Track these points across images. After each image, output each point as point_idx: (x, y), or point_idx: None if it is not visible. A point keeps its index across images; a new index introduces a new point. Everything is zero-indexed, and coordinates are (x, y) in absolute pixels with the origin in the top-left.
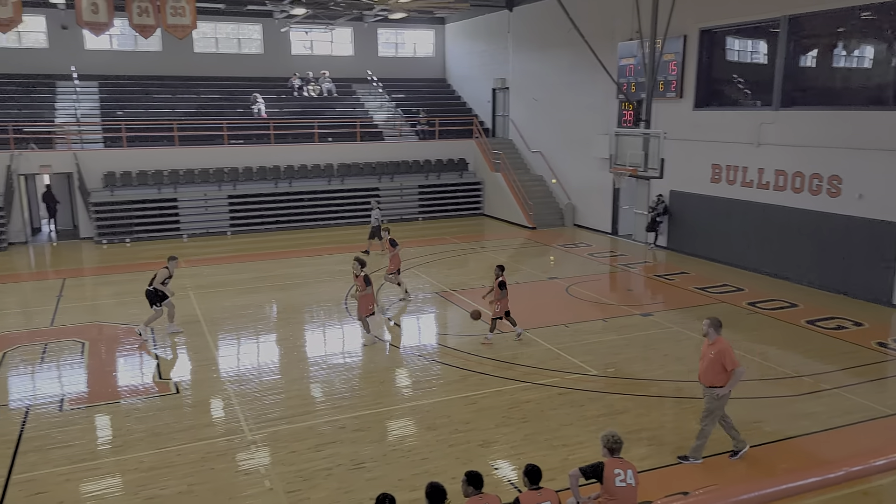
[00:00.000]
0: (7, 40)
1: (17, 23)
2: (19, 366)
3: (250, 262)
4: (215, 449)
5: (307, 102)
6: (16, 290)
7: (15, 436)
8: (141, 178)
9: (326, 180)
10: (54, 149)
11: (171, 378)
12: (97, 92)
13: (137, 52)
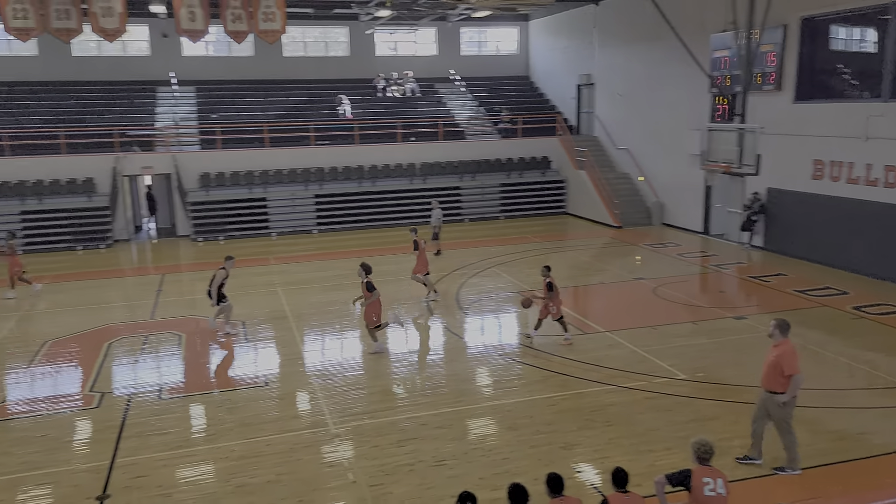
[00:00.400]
0: (113, 49)
1: (122, 32)
2: (122, 356)
3: (335, 260)
4: (301, 440)
5: (390, 103)
6: (119, 284)
7: (119, 422)
8: (234, 178)
9: (409, 179)
10: (155, 151)
11: (259, 371)
12: (194, 96)
13: (231, 57)
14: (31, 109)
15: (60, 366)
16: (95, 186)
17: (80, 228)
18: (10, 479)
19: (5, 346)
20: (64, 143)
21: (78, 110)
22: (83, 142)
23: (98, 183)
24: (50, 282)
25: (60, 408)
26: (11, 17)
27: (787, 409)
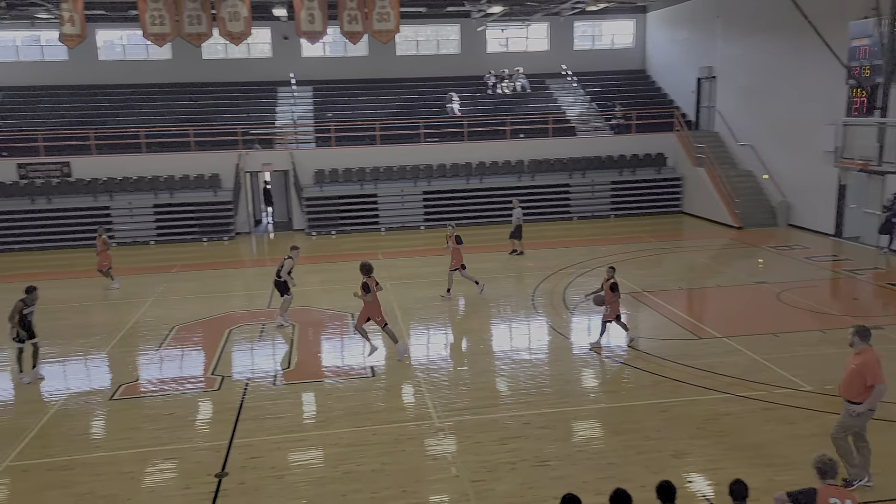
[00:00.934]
0: (238, 52)
1: (247, 36)
2: (241, 343)
3: (442, 256)
4: (406, 432)
5: (500, 99)
6: (240, 275)
7: (237, 404)
8: (346, 174)
9: (517, 176)
10: (274, 149)
11: (368, 363)
12: (311, 96)
13: (346, 57)
14: (164, 110)
15: (186, 349)
16: (220, 182)
17: (206, 221)
18: (140, 453)
19: (138, 329)
20: (193, 140)
21: (206, 110)
22: (210, 140)
23: (223, 179)
24: (179, 271)
25: (186, 389)
26: (149, 23)
27: (862, 419)
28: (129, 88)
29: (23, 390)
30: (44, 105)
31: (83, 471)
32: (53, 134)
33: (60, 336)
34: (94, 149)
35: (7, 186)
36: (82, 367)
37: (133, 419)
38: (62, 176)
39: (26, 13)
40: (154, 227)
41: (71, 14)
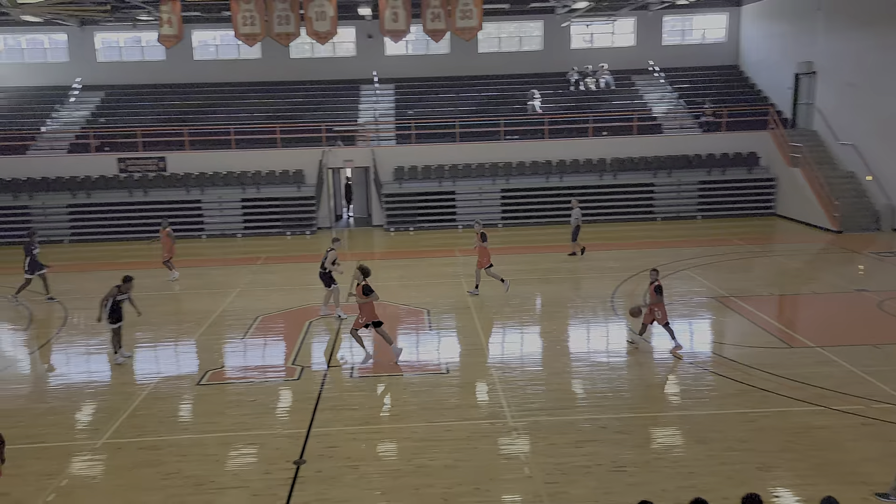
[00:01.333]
0: (324, 51)
1: (333, 35)
2: (320, 334)
3: (519, 255)
4: (479, 430)
5: (583, 96)
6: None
7: (315, 394)
8: (425, 171)
9: (598, 175)
10: (356, 145)
11: (441, 359)
12: (393, 94)
13: (428, 55)
14: (253, 107)
15: (269, 339)
16: (304, 177)
17: (290, 215)
18: (224, 437)
19: (224, 318)
20: (279, 137)
21: (292, 108)
22: (295, 137)
23: (307, 174)
24: (263, 263)
25: (268, 377)
26: (241, 24)
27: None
28: (221, 87)
29: (118, 372)
30: (143, 103)
31: (171, 451)
32: (151, 130)
33: (152, 323)
34: (188, 145)
35: (108, 180)
36: (172, 353)
37: (218, 404)
38: (158, 170)
39: (129, 15)
40: (241, 220)
41: (169, 16)
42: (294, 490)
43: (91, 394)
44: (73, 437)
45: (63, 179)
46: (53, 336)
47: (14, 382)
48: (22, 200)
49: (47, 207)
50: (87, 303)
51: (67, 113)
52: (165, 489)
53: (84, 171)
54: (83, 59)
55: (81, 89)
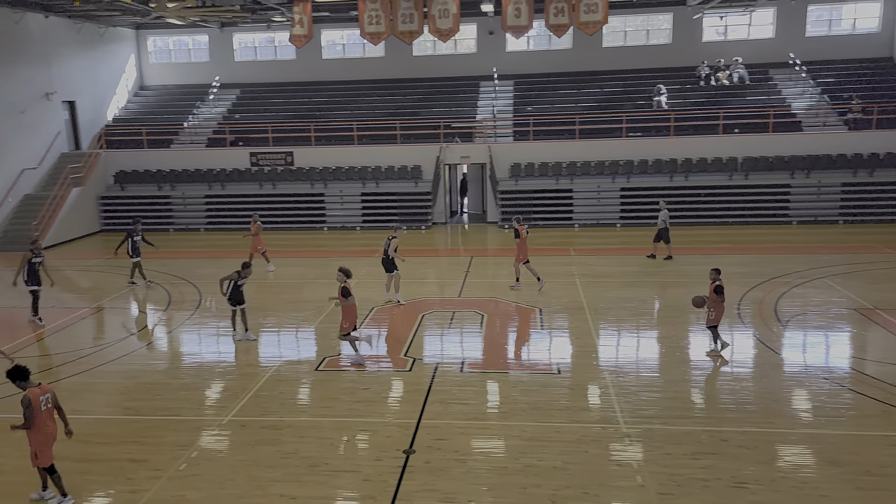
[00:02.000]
0: (446, 48)
1: (455, 32)
2: (432, 328)
3: (636, 256)
4: (590, 434)
5: (713, 92)
6: (434, 263)
7: (426, 387)
8: (542, 169)
9: (727, 175)
10: (473, 142)
11: (553, 359)
12: (512, 90)
13: (550, 51)
14: (375, 104)
15: (382, 330)
16: (421, 173)
17: (406, 210)
18: (338, 422)
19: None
20: (399, 133)
21: (412, 104)
22: (414, 133)
23: (424, 170)
24: (380, 255)
25: (381, 367)
26: (367, 23)
27: None
28: (347, 84)
29: (245, 354)
30: (274, 100)
31: (290, 432)
32: (280, 126)
33: (276, 309)
34: (314, 140)
35: (241, 172)
36: (293, 339)
37: (334, 390)
38: (286, 164)
39: (264, 17)
40: (360, 213)
41: (301, 16)
42: (403, 479)
43: (220, 373)
44: (203, 413)
45: (201, 172)
46: (188, 317)
47: (154, 359)
48: (165, 191)
49: (186, 197)
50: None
51: (207, 109)
52: (284, 467)
53: (219, 164)
54: (222, 58)
55: (220, 87)
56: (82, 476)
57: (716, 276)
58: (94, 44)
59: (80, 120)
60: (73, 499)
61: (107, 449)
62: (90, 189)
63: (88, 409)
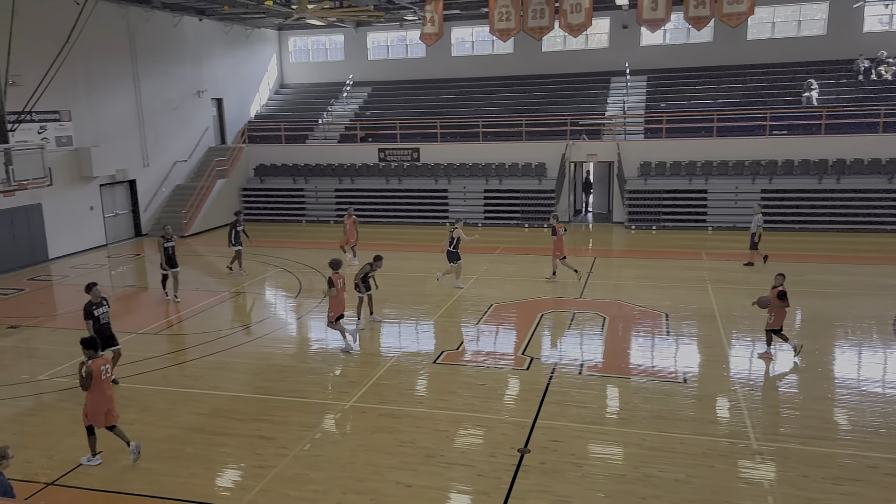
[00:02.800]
0: (576, 44)
1: (587, 27)
2: (552, 328)
3: (779, 263)
4: (717, 448)
5: (875, 86)
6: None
7: (543, 387)
8: (674, 168)
9: (887, 178)
10: (601, 139)
11: (679, 367)
12: (644, 85)
13: (688, 44)
14: (502, 101)
15: (501, 327)
16: (546, 171)
17: (529, 208)
18: (454, 415)
19: (461, 303)
20: (524, 130)
21: (539, 101)
22: (539, 130)
23: (548, 168)
24: (501, 253)
25: (497, 364)
26: (497, 19)
27: None
28: (474, 82)
29: (367, 343)
30: (403, 97)
31: (407, 421)
32: (408, 122)
33: (398, 301)
34: (439, 137)
35: (370, 168)
36: (413, 331)
37: (451, 384)
38: (412, 160)
39: (397, 16)
40: (482, 210)
41: (432, 14)
42: (517, 477)
43: (343, 360)
44: (327, 397)
45: (332, 166)
46: (316, 305)
47: (284, 342)
48: (299, 184)
49: (319, 191)
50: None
51: (340, 107)
52: (400, 455)
53: (350, 160)
54: (356, 57)
55: (353, 85)
56: (217, 448)
57: (780, 280)
58: (241, 44)
59: (226, 116)
60: (101, 460)
61: (240, 424)
62: (233, 181)
63: (224, 387)
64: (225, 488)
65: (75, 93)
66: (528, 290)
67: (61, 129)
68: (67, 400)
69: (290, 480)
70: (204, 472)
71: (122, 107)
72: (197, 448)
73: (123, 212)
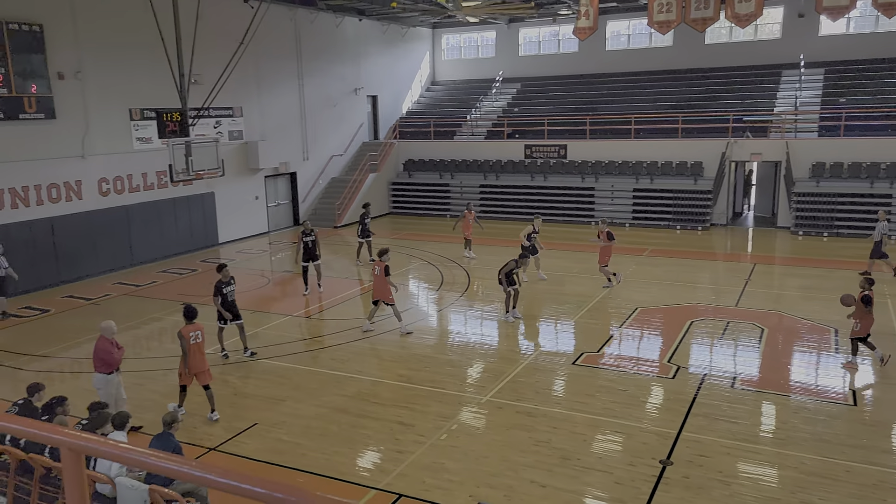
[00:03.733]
0: (744, 34)
1: (757, 17)
2: (702, 336)
3: None
4: (890, 480)
5: None
6: (710, 267)
7: (690, 397)
8: (853, 170)
9: None
10: (767, 137)
11: (853, 388)
12: (821, 79)
13: (876, 33)
14: (657, 97)
15: (646, 332)
16: (703, 170)
17: (682, 209)
18: (592, 419)
19: (604, 304)
20: (680, 127)
21: (699, 96)
22: (697, 127)
23: (706, 167)
24: (649, 255)
25: (640, 370)
26: (656, 11)
27: None
28: (628, 76)
29: (505, 339)
30: (552, 93)
31: (543, 421)
32: (556, 119)
33: (537, 299)
34: (588, 133)
35: (515, 164)
36: (552, 330)
37: (589, 386)
38: (559, 157)
39: (551, 11)
40: (631, 210)
41: (587, 8)
42: (657, 489)
43: (482, 354)
44: (464, 390)
45: (478, 162)
46: (456, 298)
47: (425, 333)
48: (445, 179)
49: (463, 186)
50: (486, 272)
51: (488, 103)
52: (535, 454)
53: (495, 156)
54: (507, 53)
55: (502, 81)
56: (359, 430)
57: (866, 285)
58: (396, 43)
59: (380, 112)
60: (185, 411)
61: (381, 409)
62: (383, 175)
63: (367, 372)
64: (365, 468)
65: (247, 91)
66: (677, 295)
67: (234, 124)
68: (229, 374)
69: (426, 468)
70: (346, 451)
71: (286, 104)
72: (341, 428)
73: (284, 202)
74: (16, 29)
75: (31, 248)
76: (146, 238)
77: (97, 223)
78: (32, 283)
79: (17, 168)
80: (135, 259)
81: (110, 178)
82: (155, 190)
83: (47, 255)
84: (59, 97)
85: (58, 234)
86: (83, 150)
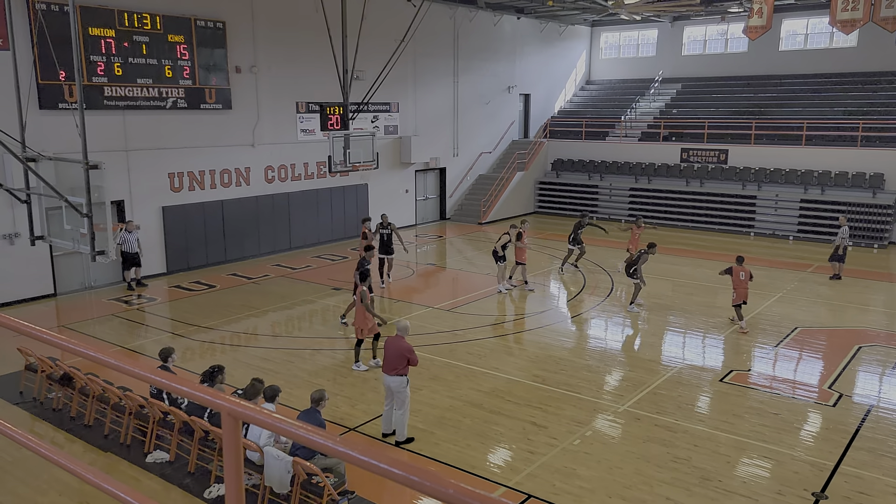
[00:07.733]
0: None
1: None
2: (870, 364)
3: None
4: None
5: None
6: (885, 289)
7: (852, 429)
8: None
9: None
10: None
11: None
12: None
13: None
14: (836, 101)
15: (805, 354)
16: (883, 183)
17: (856, 224)
18: (738, 440)
19: (759, 321)
20: (860, 134)
21: (883, 102)
22: (880, 135)
23: (887, 179)
24: (813, 271)
25: (796, 394)
26: (840, 9)
27: None
28: (803, 79)
29: (647, 348)
30: (715, 95)
31: (684, 438)
32: (717, 122)
33: (686, 310)
34: (753, 138)
35: (669, 168)
36: (699, 344)
37: (737, 406)
38: (718, 162)
39: (720, 8)
40: (796, 222)
41: (761, 6)
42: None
43: (621, 362)
44: (601, 396)
45: (630, 164)
46: (598, 303)
47: (563, 336)
48: (594, 180)
49: (613, 188)
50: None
51: (645, 104)
52: (673, 471)
53: (648, 159)
54: (668, 52)
55: (661, 82)
56: (492, 426)
57: None
58: (553, 41)
59: (531, 111)
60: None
61: (514, 408)
62: (531, 174)
63: (503, 369)
64: (495, 465)
65: (403, 87)
66: (844, 317)
67: (389, 118)
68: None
69: (557, 471)
70: (478, 446)
71: (440, 100)
72: (474, 422)
73: (433, 196)
74: (202, 26)
75: (203, 227)
76: (304, 224)
77: (262, 208)
78: (203, 260)
79: (196, 154)
80: (293, 243)
81: (275, 166)
82: (314, 179)
83: (217, 235)
84: (235, 89)
85: (227, 216)
86: (253, 140)
